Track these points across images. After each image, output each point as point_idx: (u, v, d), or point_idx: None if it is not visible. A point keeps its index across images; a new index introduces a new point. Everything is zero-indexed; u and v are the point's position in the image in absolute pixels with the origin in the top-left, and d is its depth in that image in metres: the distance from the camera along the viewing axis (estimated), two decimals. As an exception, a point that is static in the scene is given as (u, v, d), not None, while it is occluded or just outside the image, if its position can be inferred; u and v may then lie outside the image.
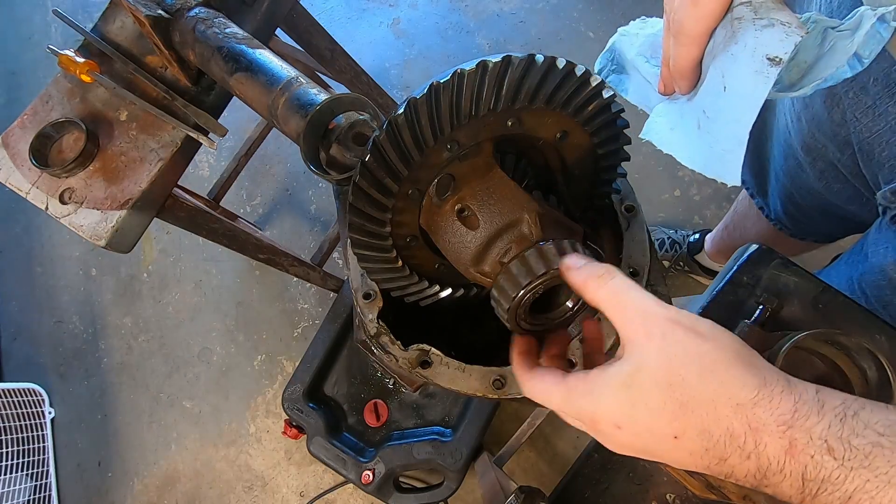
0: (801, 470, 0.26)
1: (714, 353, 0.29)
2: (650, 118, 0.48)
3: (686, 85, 0.46)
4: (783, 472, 0.27)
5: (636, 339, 0.31)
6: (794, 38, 0.36)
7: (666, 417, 0.29)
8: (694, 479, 0.58)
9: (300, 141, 0.53)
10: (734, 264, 0.73)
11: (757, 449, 0.27)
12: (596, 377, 0.32)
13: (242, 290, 1.83)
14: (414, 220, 0.45)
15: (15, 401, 1.69)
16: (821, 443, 0.26)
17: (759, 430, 0.27)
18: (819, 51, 0.37)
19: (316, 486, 1.62)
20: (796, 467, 0.27)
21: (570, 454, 1.50)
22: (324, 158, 0.54)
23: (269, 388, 1.73)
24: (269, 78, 0.60)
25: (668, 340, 0.30)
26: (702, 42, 0.43)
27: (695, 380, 0.29)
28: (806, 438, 0.26)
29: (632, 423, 0.30)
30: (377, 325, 0.50)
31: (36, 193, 0.81)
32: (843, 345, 0.63)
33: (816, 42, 0.37)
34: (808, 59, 0.38)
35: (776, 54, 0.35)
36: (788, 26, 0.36)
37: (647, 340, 0.31)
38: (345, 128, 0.53)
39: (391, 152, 0.38)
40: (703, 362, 0.29)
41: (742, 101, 0.37)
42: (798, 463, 0.26)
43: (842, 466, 0.26)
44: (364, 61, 1.31)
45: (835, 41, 0.36)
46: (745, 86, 0.37)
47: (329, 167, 0.54)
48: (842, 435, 0.26)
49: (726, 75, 0.38)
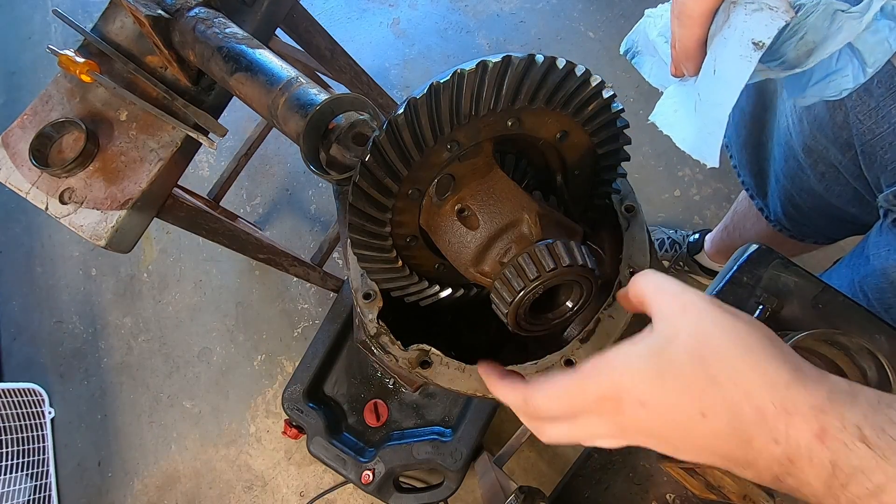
0: (832, 458, 0.25)
1: (751, 334, 0.28)
2: (660, 100, 0.49)
3: (692, 66, 0.46)
4: (811, 460, 0.26)
5: (670, 314, 0.30)
6: (779, 22, 0.36)
7: (696, 392, 0.28)
8: (694, 479, 0.58)
9: (300, 141, 0.53)
10: (734, 264, 0.73)
11: (787, 432, 0.26)
12: (619, 350, 0.31)
13: (242, 290, 1.83)
14: (414, 220, 0.45)
15: (15, 401, 1.69)
16: (854, 430, 0.25)
17: (792, 413, 0.26)
18: (827, 32, 0.37)
19: (316, 486, 1.62)
20: (826, 455, 0.25)
21: (570, 454, 1.50)
22: (324, 158, 0.54)
23: (269, 388, 1.73)
24: (269, 78, 0.60)
25: (705, 315, 0.29)
26: (703, 22, 0.43)
27: (729, 355, 0.28)
28: (839, 425, 0.25)
29: (658, 396, 0.28)
30: (377, 325, 0.50)
31: (36, 193, 0.81)
32: (843, 345, 0.63)
33: (826, 24, 0.37)
34: (815, 39, 0.38)
35: (760, 38, 0.36)
36: (776, 10, 0.36)
37: (682, 313, 0.30)
38: (345, 128, 0.53)
39: (391, 152, 0.38)
40: (738, 340, 0.28)
41: (726, 85, 0.38)
42: (829, 450, 0.25)
43: (874, 456, 0.25)
44: (364, 61, 1.31)
45: (843, 22, 0.36)
46: (730, 69, 0.38)
47: (329, 167, 0.54)
48: (876, 423, 0.25)
49: (717, 59, 0.39)
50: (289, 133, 0.58)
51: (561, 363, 0.47)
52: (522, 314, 0.41)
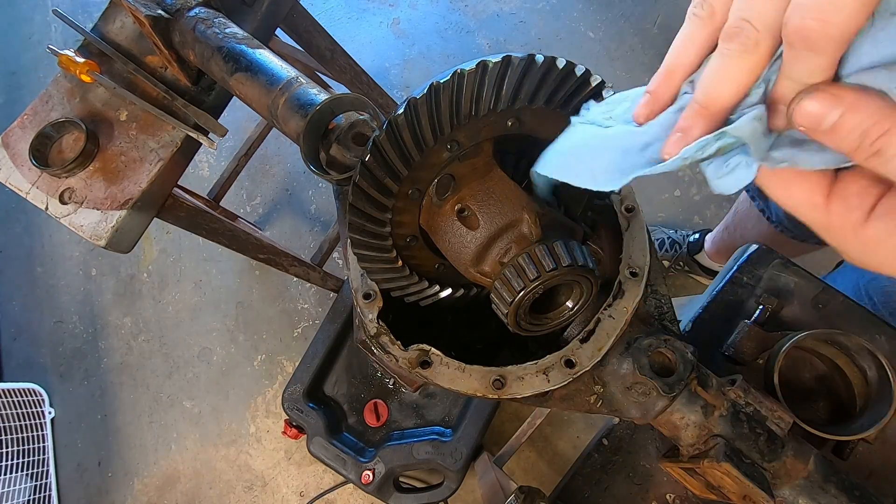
0: None
1: None
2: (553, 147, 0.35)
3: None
4: None
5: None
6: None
7: None
8: (694, 479, 0.58)
9: (300, 141, 0.53)
10: (734, 264, 0.73)
11: None
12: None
13: (242, 290, 1.83)
14: (414, 220, 0.45)
15: (15, 401, 1.69)
16: None
17: None
18: None
19: (316, 486, 1.62)
20: None
21: (570, 454, 1.50)
22: (324, 158, 0.54)
23: (269, 388, 1.73)
24: (269, 78, 0.60)
25: None
26: None
27: None
28: None
29: None
30: (377, 325, 0.50)
31: (36, 193, 0.81)
32: (843, 345, 0.63)
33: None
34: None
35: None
36: None
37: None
38: (345, 128, 0.53)
39: (391, 152, 0.38)
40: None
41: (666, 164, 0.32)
42: None
43: None
44: (364, 61, 1.31)
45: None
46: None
47: (329, 167, 0.54)
48: None
49: None
50: (289, 133, 0.58)
51: (561, 363, 0.47)
52: (522, 314, 0.41)
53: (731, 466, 0.45)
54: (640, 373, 0.47)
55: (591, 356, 0.47)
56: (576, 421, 1.52)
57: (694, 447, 0.50)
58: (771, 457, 0.47)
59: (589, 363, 0.47)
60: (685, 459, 0.52)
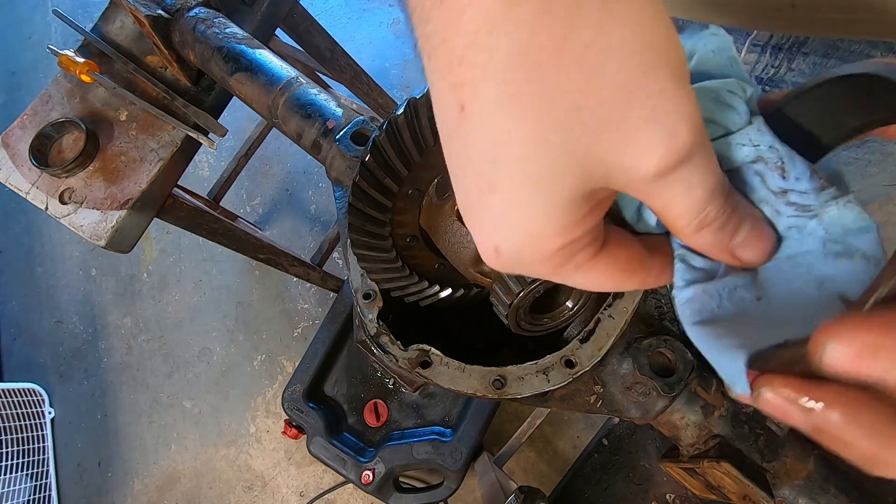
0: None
1: None
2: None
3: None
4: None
5: None
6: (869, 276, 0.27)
7: None
8: (694, 479, 0.58)
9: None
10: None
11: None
12: None
13: (242, 290, 1.83)
14: (414, 221, 0.45)
15: (15, 401, 1.69)
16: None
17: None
18: None
19: (316, 486, 1.62)
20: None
21: (570, 454, 1.50)
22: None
23: (269, 388, 1.73)
24: (269, 78, 0.60)
25: None
26: None
27: None
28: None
29: None
30: (377, 325, 0.50)
31: (36, 193, 0.81)
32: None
33: None
34: None
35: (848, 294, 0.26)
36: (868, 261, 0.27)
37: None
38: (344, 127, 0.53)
39: (391, 152, 0.38)
40: None
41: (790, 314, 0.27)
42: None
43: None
44: (364, 61, 1.31)
45: None
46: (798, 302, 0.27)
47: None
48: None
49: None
50: (289, 133, 0.58)
51: (561, 363, 0.47)
52: (522, 314, 0.41)
53: (731, 466, 0.45)
54: (640, 373, 0.47)
55: (591, 356, 0.47)
56: (576, 421, 1.52)
57: (694, 447, 0.50)
58: (771, 457, 0.47)
59: (589, 363, 0.47)
60: (685, 459, 0.52)
